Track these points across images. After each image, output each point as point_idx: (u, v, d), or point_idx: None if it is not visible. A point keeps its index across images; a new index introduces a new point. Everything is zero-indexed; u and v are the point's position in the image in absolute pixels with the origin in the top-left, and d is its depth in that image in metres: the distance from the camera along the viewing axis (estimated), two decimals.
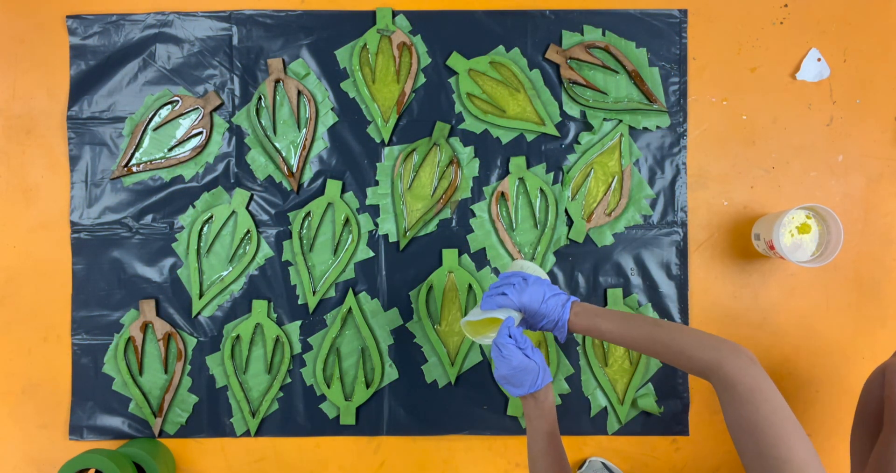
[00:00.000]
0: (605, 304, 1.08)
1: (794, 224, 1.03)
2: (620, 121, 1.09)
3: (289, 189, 1.09)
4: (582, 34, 1.09)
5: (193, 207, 1.09)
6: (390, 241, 1.09)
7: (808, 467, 0.60)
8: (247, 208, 1.09)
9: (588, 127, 1.09)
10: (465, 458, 1.09)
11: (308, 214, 1.08)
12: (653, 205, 1.10)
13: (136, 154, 1.09)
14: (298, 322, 1.08)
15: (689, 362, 0.73)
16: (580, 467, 1.07)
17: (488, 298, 0.83)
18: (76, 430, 1.08)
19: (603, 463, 1.06)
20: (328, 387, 1.07)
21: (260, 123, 1.08)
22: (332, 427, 1.08)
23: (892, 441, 0.83)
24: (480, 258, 1.09)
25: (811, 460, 0.61)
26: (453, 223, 1.09)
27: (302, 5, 1.10)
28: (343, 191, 1.09)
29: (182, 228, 1.08)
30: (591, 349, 1.07)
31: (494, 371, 0.83)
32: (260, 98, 1.08)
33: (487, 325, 0.86)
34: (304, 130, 1.08)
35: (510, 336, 0.81)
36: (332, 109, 1.09)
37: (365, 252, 1.08)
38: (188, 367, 1.08)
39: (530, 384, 0.81)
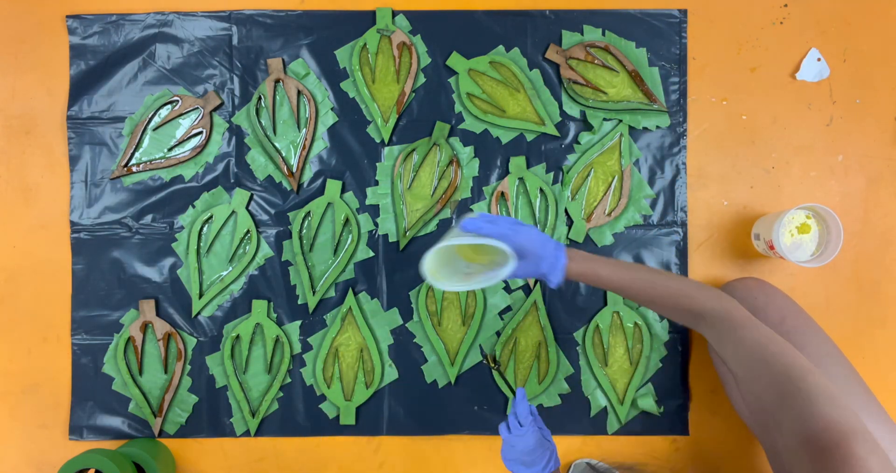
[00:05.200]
0: (605, 304, 1.08)
1: (794, 224, 1.03)
2: (620, 121, 1.09)
3: (289, 189, 1.09)
4: (582, 34, 1.09)
5: (193, 207, 1.09)
6: (390, 241, 1.09)
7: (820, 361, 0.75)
8: (247, 207, 1.09)
9: (588, 127, 1.09)
10: (465, 458, 1.09)
11: (308, 214, 1.08)
12: (653, 205, 1.09)
13: (136, 154, 1.09)
14: (298, 322, 1.08)
15: (690, 302, 0.74)
16: (567, 470, 1.07)
17: (470, 226, 0.71)
18: (76, 430, 1.08)
19: (588, 464, 1.05)
20: (328, 387, 1.07)
21: (260, 122, 1.08)
22: (332, 427, 1.08)
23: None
24: None
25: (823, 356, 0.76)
26: (453, 223, 1.09)
27: (302, 5, 1.10)
28: (343, 191, 1.09)
29: (182, 228, 1.08)
30: (590, 349, 1.07)
31: (504, 452, 0.79)
32: (260, 98, 1.08)
33: (452, 261, 0.72)
34: (304, 130, 1.08)
35: (527, 415, 0.80)
36: (331, 108, 1.09)
37: (365, 252, 1.08)
38: (188, 367, 1.08)
39: (543, 466, 0.77)
